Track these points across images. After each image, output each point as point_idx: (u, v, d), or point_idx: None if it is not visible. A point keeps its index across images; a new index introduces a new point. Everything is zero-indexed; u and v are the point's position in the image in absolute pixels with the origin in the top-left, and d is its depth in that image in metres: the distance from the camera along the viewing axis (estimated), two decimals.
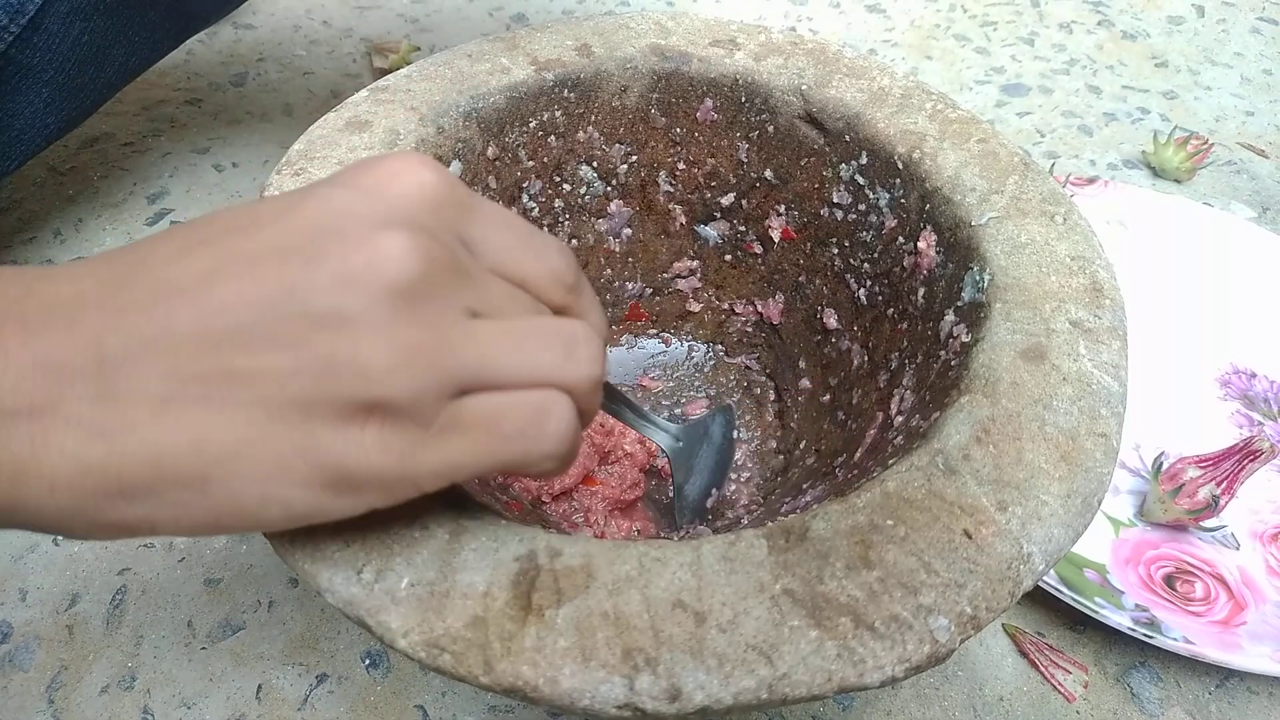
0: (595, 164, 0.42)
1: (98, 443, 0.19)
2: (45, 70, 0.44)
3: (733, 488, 0.41)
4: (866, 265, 0.38)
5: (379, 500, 0.21)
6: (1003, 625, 0.41)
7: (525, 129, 0.39)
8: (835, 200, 0.39)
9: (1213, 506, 0.42)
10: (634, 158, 0.42)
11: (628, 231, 0.45)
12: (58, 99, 0.46)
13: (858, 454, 0.33)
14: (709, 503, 0.39)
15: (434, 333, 0.20)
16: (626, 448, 0.41)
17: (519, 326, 0.22)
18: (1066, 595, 0.39)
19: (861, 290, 0.38)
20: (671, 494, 0.39)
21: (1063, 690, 0.39)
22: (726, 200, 0.43)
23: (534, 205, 0.41)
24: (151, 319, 0.19)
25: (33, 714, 0.37)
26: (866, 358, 0.38)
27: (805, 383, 0.42)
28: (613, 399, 0.34)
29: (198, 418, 0.19)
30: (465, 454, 0.21)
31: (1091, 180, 0.60)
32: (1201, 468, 0.43)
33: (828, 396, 0.40)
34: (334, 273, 0.19)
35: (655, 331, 0.47)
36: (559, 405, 0.22)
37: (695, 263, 0.45)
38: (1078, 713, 0.38)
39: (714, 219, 0.44)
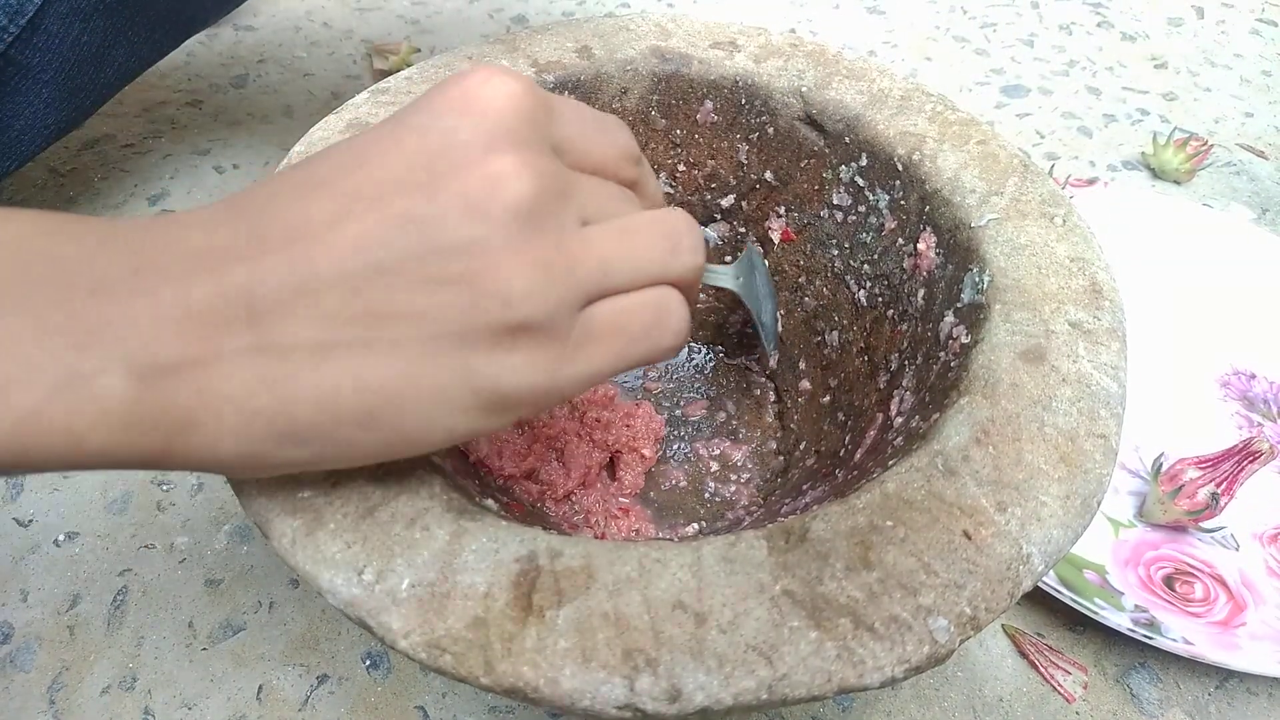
0: None
1: (262, 392, 0.19)
2: (45, 71, 0.44)
3: (732, 489, 0.41)
4: (866, 267, 0.38)
5: (529, 413, 0.22)
6: (1002, 626, 0.41)
7: None
8: (835, 202, 0.39)
9: (1212, 507, 0.42)
10: None
11: None
12: (57, 100, 0.46)
13: (857, 455, 0.33)
14: (779, 326, 0.41)
15: (558, 248, 0.21)
16: (645, 452, 0.41)
17: (627, 227, 0.23)
18: (1066, 596, 0.39)
19: (861, 292, 0.38)
20: (753, 329, 0.41)
21: (1062, 691, 0.39)
22: (727, 202, 0.43)
23: None
24: (291, 265, 0.19)
25: (34, 715, 0.37)
26: (866, 359, 0.38)
27: (805, 384, 0.42)
28: None
29: (356, 360, 0.20)
30: (602, 359, 0.22)
31: (1091, 181, 0.60)
32: (1201, 469, 0.43)
33: (827, 398, 0.40)
34: (456, 203, 0.20)
35: None
36: (672, 300, 0.24)
37: None
38: (1077, 713, 0.38)
39: (714, 220, 0.44)
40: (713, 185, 0.43)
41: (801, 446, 0.40)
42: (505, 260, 0.20)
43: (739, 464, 0.42)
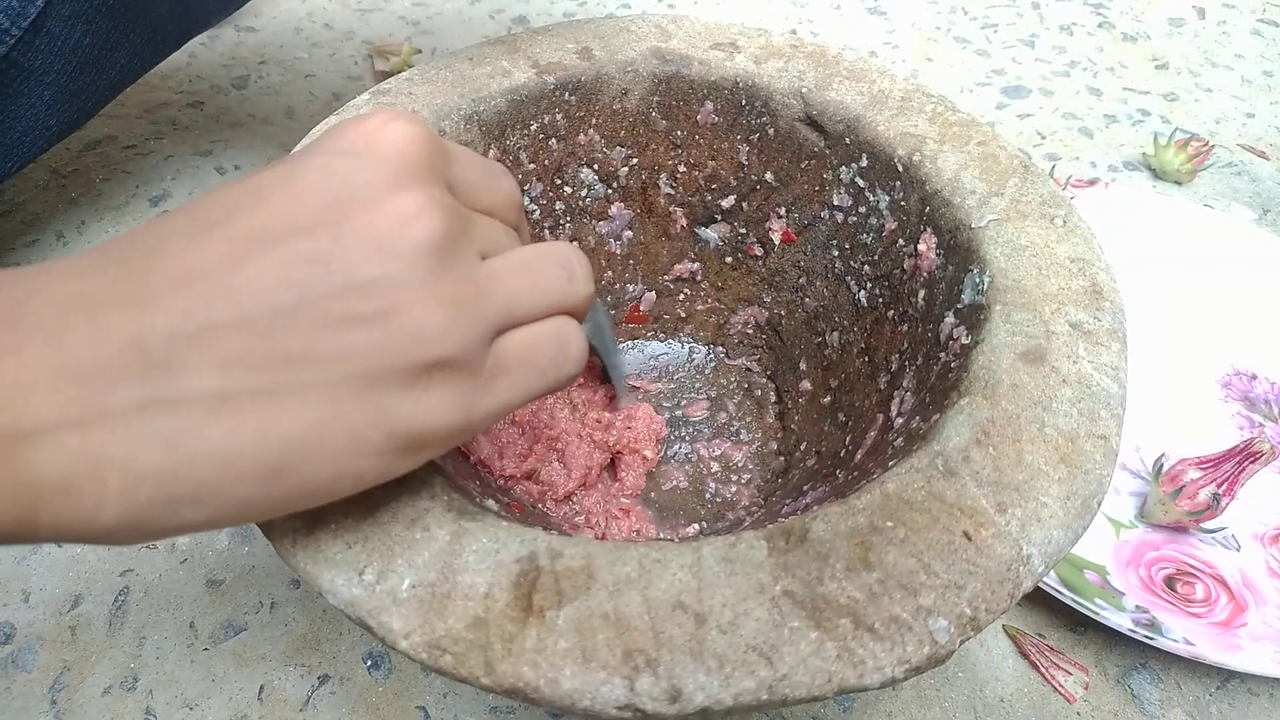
0: (596, 167, 0.42)
1: (154, 451, 0.18)
2: (47, 73, 0.44)
3: (733, 489, 0.41)
4: (867, 267, 0.38)
5: (441, 451, 0.22)
6: (1003, 626, 0.41)
7: (526, 132, 0.39)
8: (835, 203, 0.39)
9: (1213, 508, 0.42)
10: (635, 160, 0.42)
11: (629, 234, 0.45)
12: (59, 101, 0.46)
13: (858, 456, 0.33)
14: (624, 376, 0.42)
15: (467, 283, 0.21)
16: (646, 453, 0.41)
17: (527, 259, 0.23)
18: (1067, 597, 0.39)
19: (862, 292, 0.38)
20: (607, 377, 0.42)
21: (1063, 691, 0.39)
22: (727, 203, 0.43)
23: (535, 208, 0.41)
24: (186, 312, 0.18)
25: (36, 715, 0.37)
26: (867, 359, 0.38)
27: (806, 384, 0.42)
28: None
29: (260, 409, 0.18)
30: (513, 391, 0.23)
31: (1092, 182, 0.60)
32: (1202, 469, 0.43)
33: (828, 398, 0.40)
34: (364, 241, 0.19)
35: (656, 333, 0.47)
36: (571, 329, 0.24)
37: (696, 265, 0.45)
38: (1078, 714, 0.38)
39: (715, 221, 0.44)
40: (713, 186, 0.43)
41: (802, 447, 0.40)
42: (419, 297, 0.20)
43: (740, 464, 0.42)
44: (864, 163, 0.37)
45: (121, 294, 0.18)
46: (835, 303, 0.40)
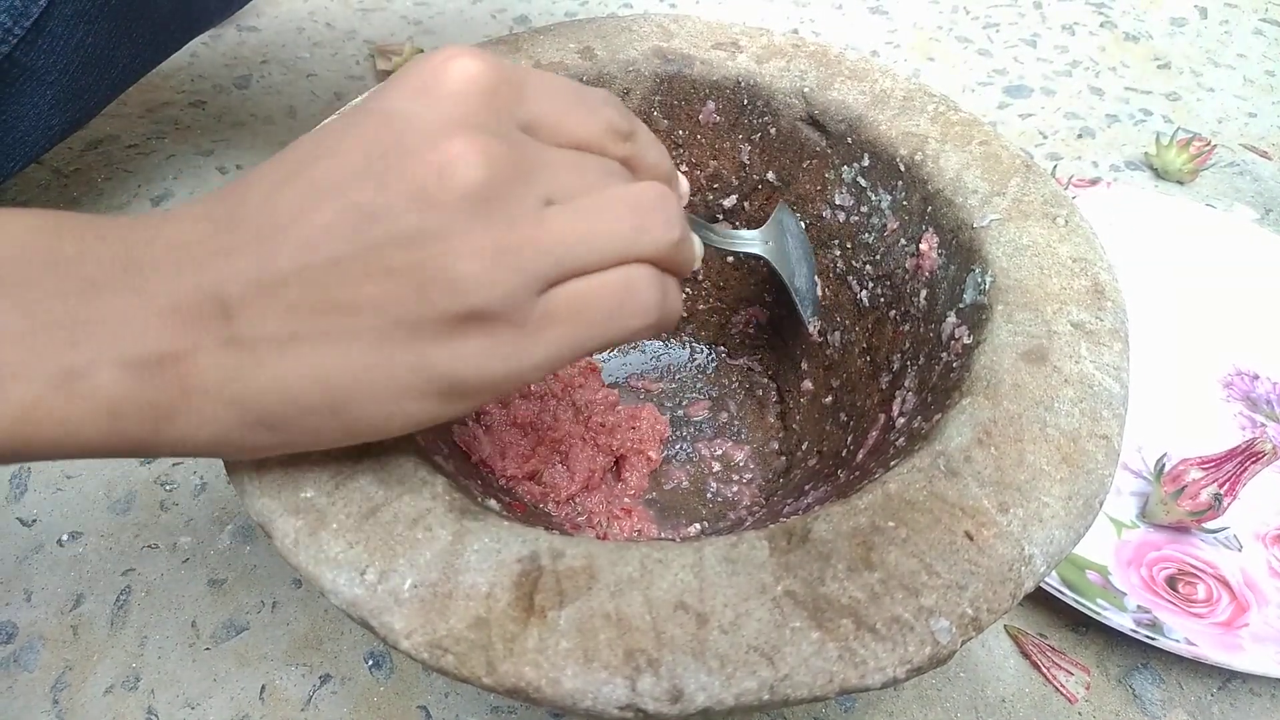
0: None
1: (232, 382, 0.20)
2: (49, 72, 0.44)
3: (735, 489, 0.41)
4: (869, 267, 0.38)
5: (489, 399, 0.22)
6: (1005, 627, 0.41)
7: None
8: (837, 202, 0.39)
9: (1215, 508, 0.42)
10: None
11: None
12: (62, 101, 0.46)
13: (860, 455, 0.33)
14: (818, 291, 0.39)
15: (512, 232, 0.21)
16: (650, 454, 0.41)
17: (592, 205, 0.22)
18: (1069, 597, 0.39)
19: (864, 292, 0.38)
20: (793, 297, 0.39)
21: (1065, 692, 0.39)
22: (729, 202, 0.43)
23: None
24: (258, 261, 0.20)
25: (37, 714, 0.37)
26: (868, 359, 0.38)
27: (807, 384, 0.42)
28: (695, 226, 0.32)
29: (317, 351, 0.20)
30: (564, 344, 0.22)
31: (1094, 182, 0.60)
32: (1204, 469, 0.43)
33: (830, 398, 0.40)
34: (406, 191, 0.20)
35: (657, 333, 0.47)
36: (641, 278, 0.23)
37: (697, 265, 0.45)
38: (1080, 714, 0.38)
39: (717, 220, 0.44)
40: (715, 186, 0.43)
41: (804, 447, 0.40)
42: (454, 247, 0.20)
43: (741, 464, 0.42)
44: (866, 162, 0.37)
45: (214, 243, 0.21)
46: (837, 302, 0.40)
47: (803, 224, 0.40)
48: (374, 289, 0.20)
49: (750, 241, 0.34)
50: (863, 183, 0.38)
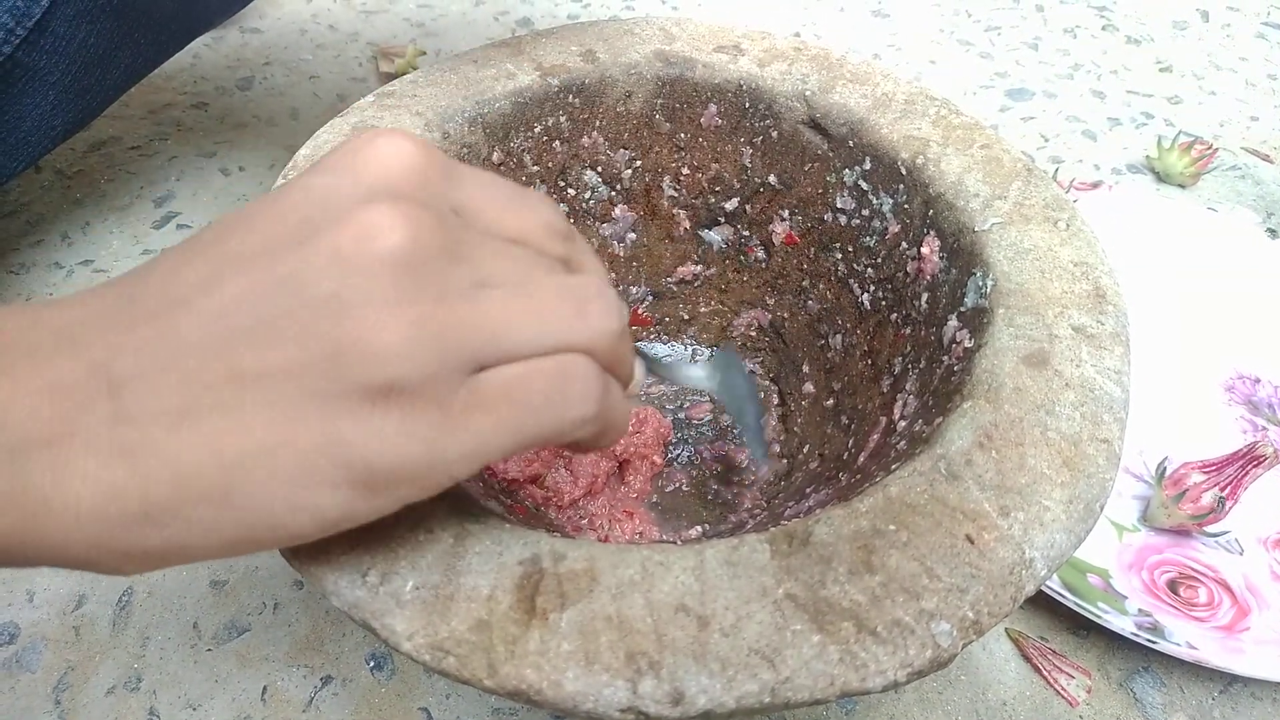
0: (600, 169, 0.42)
1: (119, 465, 0.18)
2: (52, 73, 0.44)
3: (736, 491, 0.41)
4: (870, 270, 0.38)
5: (412, 494, 0.20)
6: (1006, 630, 0.41)
7: (530, 134, 0.39)
8: (839, 205, 0.39)
9: (1217, 512, 0.42)
10: (638, 163, 0.42)
11: (632, 236, 0.45)
12: (64, 102, 0.46)
13: (861, 458, 0.33)
14: (765, 433, 0.39)
15: (439, 305, 0.19)
16: (654, 458, 0.41)
17: (527, 290, 0.21)
18: (1070, 600, 0.39)
19: (865, 295, 0.38)
20: (738, 434, 0.38)
21: (1066, 695, 0.39)
22: (730, 205, 0.43)
23: None
24: (158, 333, 0.19)
25: (40, 714, 0.37)
26: (870, 362, 0.38)
27: (809, 387, 0.42)
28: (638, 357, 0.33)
29: (214, 426, 0.18)
30: (493, 432, 0.20)
31: (1095, 185, 0.60)
32: (1205, 473, 0.43)
33: (831, 401, 0.40)
34: (325, 255, 0.19)
35: (659, 335, 0.47)
36: (579, 366, 0.21)
37: (699, 267, 0.45)
38: (1081, 718, 0.38)
39: (718, 224, 0.44)
40: (717, 189, 0.43)
41: (805, 449, 0.40)
42: (375, 313, 0.18)
43: (743, 467, 0.42)
44: (867, 166, 0.37)
45: (108, 318, 0.19)
46: (838, 305, 0.40)
47: (748, 368, 0.40)
48: (283, 356, 0.18)
49: (698, 379, 0.35)
50: (864, 186, 0.38)
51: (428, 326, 0.19)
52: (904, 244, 0.36)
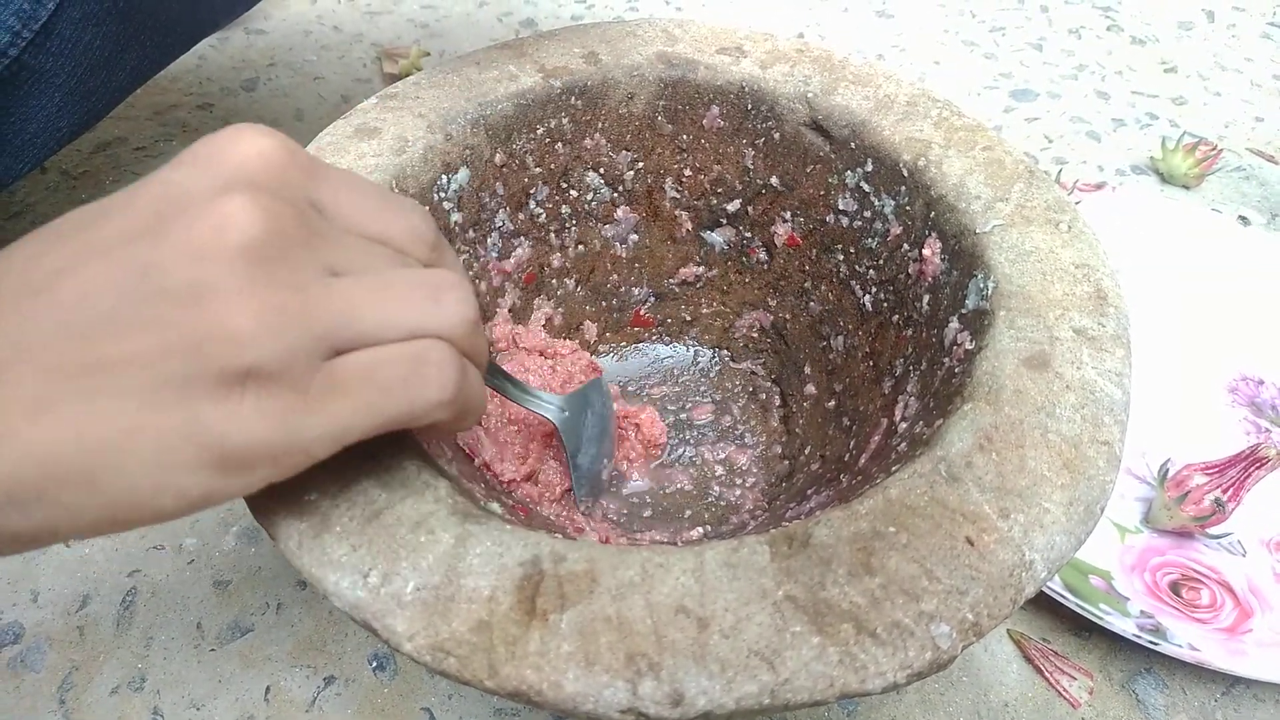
0: (602, 170, 0.42)
1: None
2: (58, 75, 0.44)
3: (737, 493, 0.41)
4: (872, 272, 0.38)
5: (271, 474, 0.21)
6: (1008, 631, 0.41)
7: (533, 136, 0.39)
8: (841, 207, 0.39)
9: (1219, 513, 0.42)
10: (640, 164, 0.43)
11: (634, 237, 0.45)
12: (70, 103, 0.46)
13: (862, 460, 0.33)
14: (604, 475, 0.39)
15: (295, 292, 0.20)
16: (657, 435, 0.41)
17: (383, 279, 0.22)
18: (1072, 601, 0.39)
19: (867, 297, 0.38)
20: (568, 467, 0.38)
21: (1068, 696, 0.39)
22: (732, 206, 0.43)
23: (541, 211, 0.42)
24: (15, 322, 0.19)
25: (44, 714, 0.37)
26: (871, 364, 0.38)
27: (810, 388, 0.42)
28: (493, 374, 0.33)
29: (75, 412, 0.19)
30: (350, 414, 0.21)
31: (1099, 186, 0.60)
32: (1207, 474, 0.43)
33: (832, 402, 0.40)
34: (181, 245, 0.19)
35: (661, 336, 0.47)
36: (436, 351, 0.22)
37: (701, 269, 0.45)
38: (1083, 719, 0.38)
39: (720, 225, 0.44)
40: (719, 190, 0.43)
41: (806, 451, 0.40)
42: (231, 301, 0.19)
43: (744, 468, 0.42)
44: (869, 167, 0.37)
45: None
46: (840, 307, 0.40)
47: (613, 406, 0.41)
48: (142, 344, 0.19)
49: (547, 405, 0.35)
50: (866, 188, 0.38)
51: (283, 312, 0.20)
52: (905, 246, 0.36)
